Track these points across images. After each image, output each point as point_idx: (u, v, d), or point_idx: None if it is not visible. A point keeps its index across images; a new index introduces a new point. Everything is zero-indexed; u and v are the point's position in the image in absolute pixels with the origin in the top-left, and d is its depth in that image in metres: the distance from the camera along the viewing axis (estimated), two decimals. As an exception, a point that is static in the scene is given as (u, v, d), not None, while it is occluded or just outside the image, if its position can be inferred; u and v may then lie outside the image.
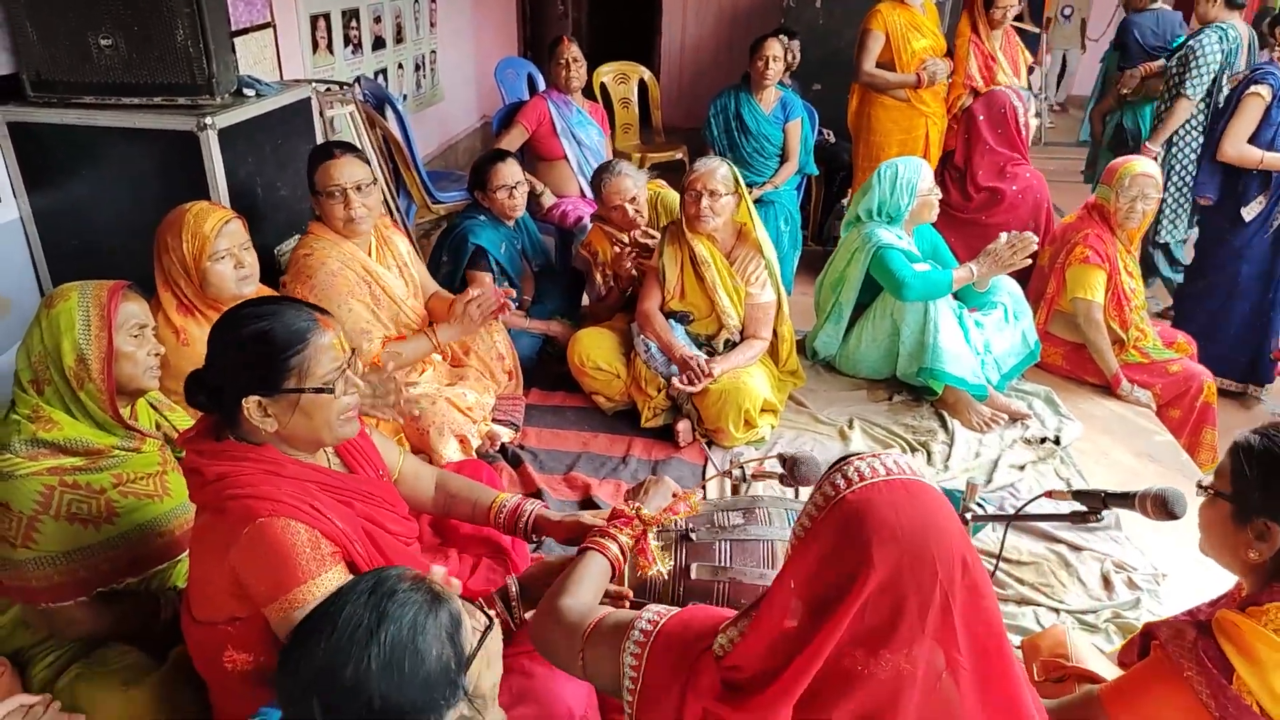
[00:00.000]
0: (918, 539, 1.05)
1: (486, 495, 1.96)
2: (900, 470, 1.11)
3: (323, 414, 1.51)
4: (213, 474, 1.46)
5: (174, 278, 2.19)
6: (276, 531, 1.42)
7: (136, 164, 2.59)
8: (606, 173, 3.30)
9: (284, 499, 1.46)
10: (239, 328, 1.49)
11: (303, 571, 1.42)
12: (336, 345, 1.53)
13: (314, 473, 1.57)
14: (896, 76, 4.51)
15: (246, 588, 1.44)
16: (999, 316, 3.16)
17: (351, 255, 2.64)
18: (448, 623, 1.08)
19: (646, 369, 2.95)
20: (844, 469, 1.13)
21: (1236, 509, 1.38)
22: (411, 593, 1.07)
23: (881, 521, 1.06)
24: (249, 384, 1.46)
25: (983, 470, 2.80)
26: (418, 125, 5.86)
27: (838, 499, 1.10)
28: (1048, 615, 2.23)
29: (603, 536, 1.61)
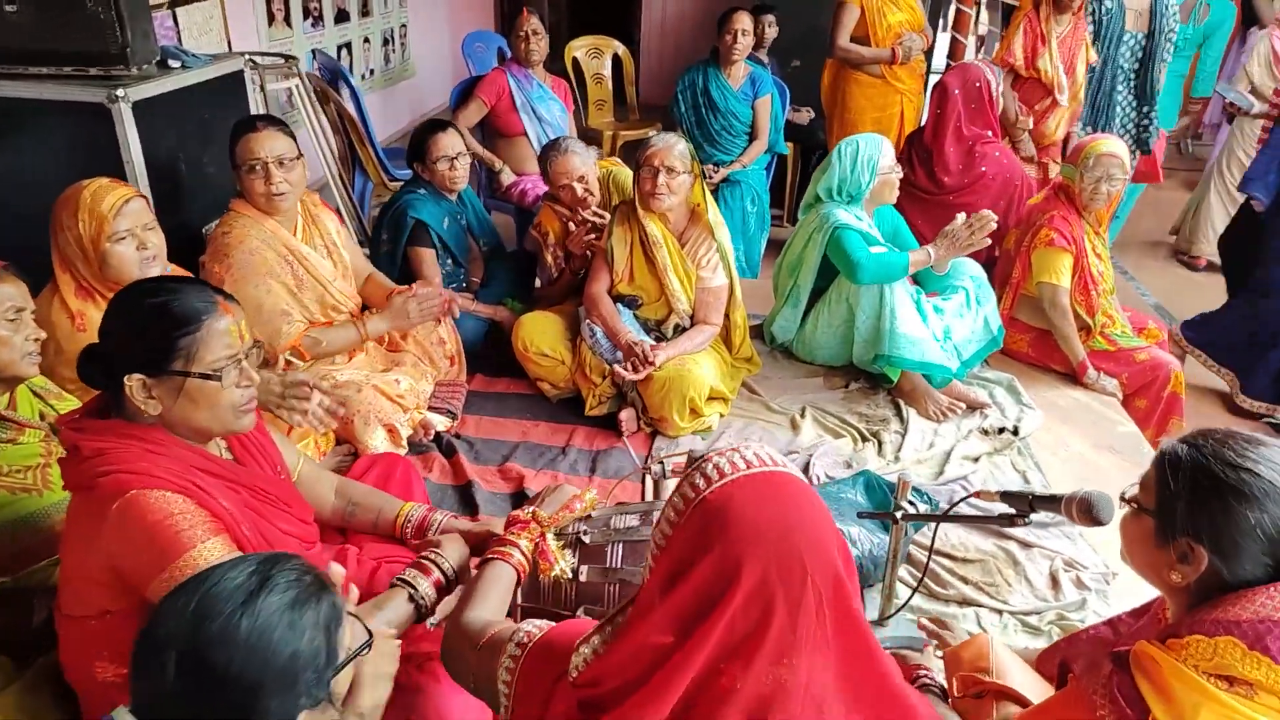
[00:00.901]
0: (783, 536, 0.98)
1: (391, 506, 1.87)
2: (762, 462, 1.04)
3: (209, 402, 1.43)
4: (90, 450, 1.39)
5: (71, 259, 2.07)
6: (149, 502, 1.34)
7: (46, 138, 2.47)
8: (553, 150, 3.18)
9: (159, 473, 1.38)
10: (134, 300, 1.44)
11: (185, 539, 1.34)
12: (233, 332, 1.45)
13: (201, 459, 1.48)
14: (871, 51, 4.37)
15: (124, 572, 1.36)
16: (960, 301, 3.04)
17: (273, 234, 2.52)
18: (328, 614, 1.02)
19: (592, 355, 2.85)
20: (703, 466, 1.05)
21: (1159, 526, 1.24)
22: (301, 572, 1.02)
23: (744, 520, 0.99)
24: (134, 360, 1.39)
25: (935, 462, 2.70)
26: (387, 101, 5.75)
27: (697, 500, 1.02)
28: (989, 617, 2.13)
29: (503, 545, 1.55)
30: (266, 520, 1.53)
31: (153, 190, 2.54)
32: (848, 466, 2.67)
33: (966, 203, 3.54)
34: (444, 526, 1.81)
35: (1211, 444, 1.20)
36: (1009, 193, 3.67)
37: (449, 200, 3.17)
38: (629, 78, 5.72)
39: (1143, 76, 4.02)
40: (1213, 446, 1.19)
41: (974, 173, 3.66)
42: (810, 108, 5.17)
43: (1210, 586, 1.20)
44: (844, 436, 2.83)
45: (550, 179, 3.20)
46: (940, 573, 2.23)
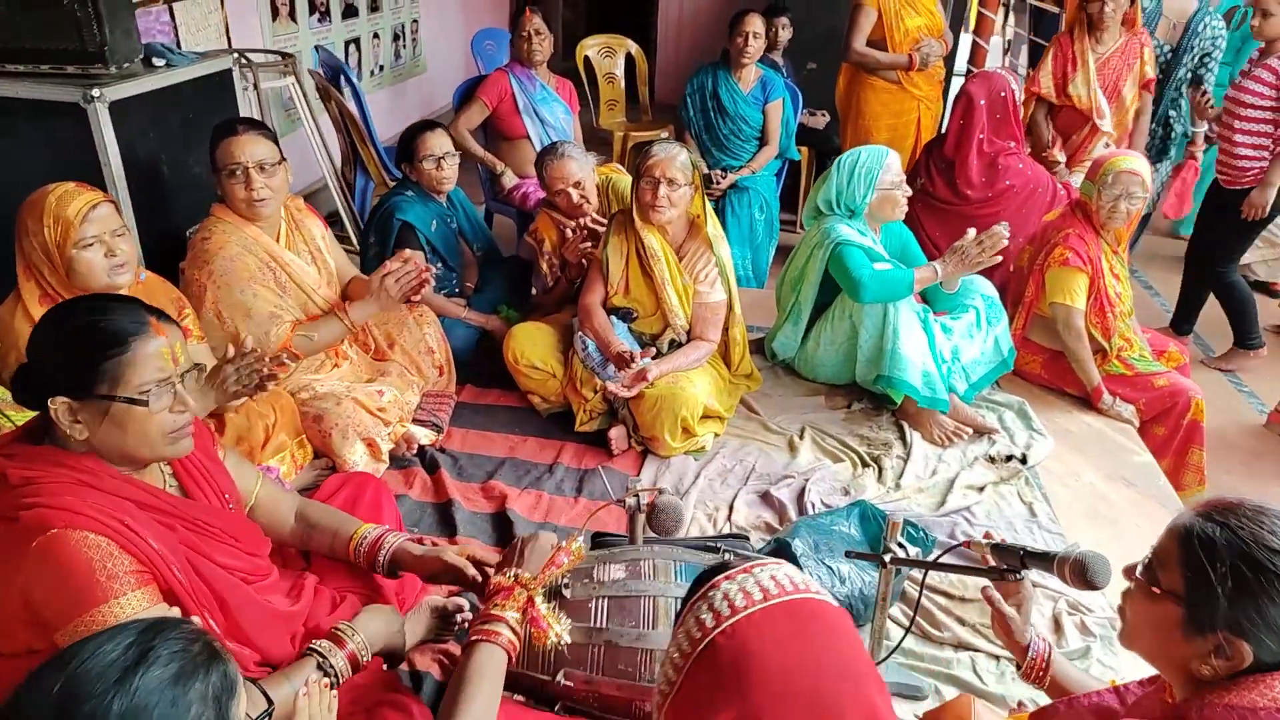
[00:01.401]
0: (816, 688, 0.82)
1: (347, 528, 1.78)
2: (782, 589, 0.87)
3: (137, 427, 1.35)
4: (17, 478, 1.32)
5: (36, 265, 2.00)
6: (71, 545, 1.26)
7: (21, 139, 2.40)
8: (549, 155, 3.08)
9: (86, 511, 1.30)
10: (62, 319, 1.37)
11: (101, 591, 1.27)
12: (164, 354, 1.37)
13: (136, 490, 1.40)
14: (887, 56, 4.25)
15: (37, 611, 1.28)
16: (970, 321, 2.92)
17: (255, 240, 2.44)
18: (218, 685, 0.94)
19: (584, 369, 2.75)
20: (710, 596, 0.89)
21: (1191, 616, 1.09)
22: (187, 641, 0.93)
23: (766, 671, 0.82)
24: (58, 383, 1.31)
25: (937, 490, 2.58)
26: (396, 99, 5.67)
27: (705, 643, 0.86)
28: (986, 662, 2.01)
29: (488, 621, 1.42)
30: (203, 555, 1.44)
31: (132, 193, 2.48)
32: (845, 494, 2.56)
33: (989, 215, 3.40)
34: (395, 550, 1.72)
35: (1248, 525, 1.06)
36: (1035, 205, 3.53)
37: (437, 202, 3.09)
38: (641, 77, 5.61)
39: (1155, 91, 3.82)
40: (1250, 530, 1.05)
41: (998, 186, 3.51)
42: (826, 111, 5.05)
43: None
44: (843, 460, 2.71)
45: (546, 183, 3.10)
46: (935, 613, 2.12)
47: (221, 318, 2.36)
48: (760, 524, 2.43)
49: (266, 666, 1.55)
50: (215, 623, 1.44)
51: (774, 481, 2.59)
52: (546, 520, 2.40)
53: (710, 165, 4.22)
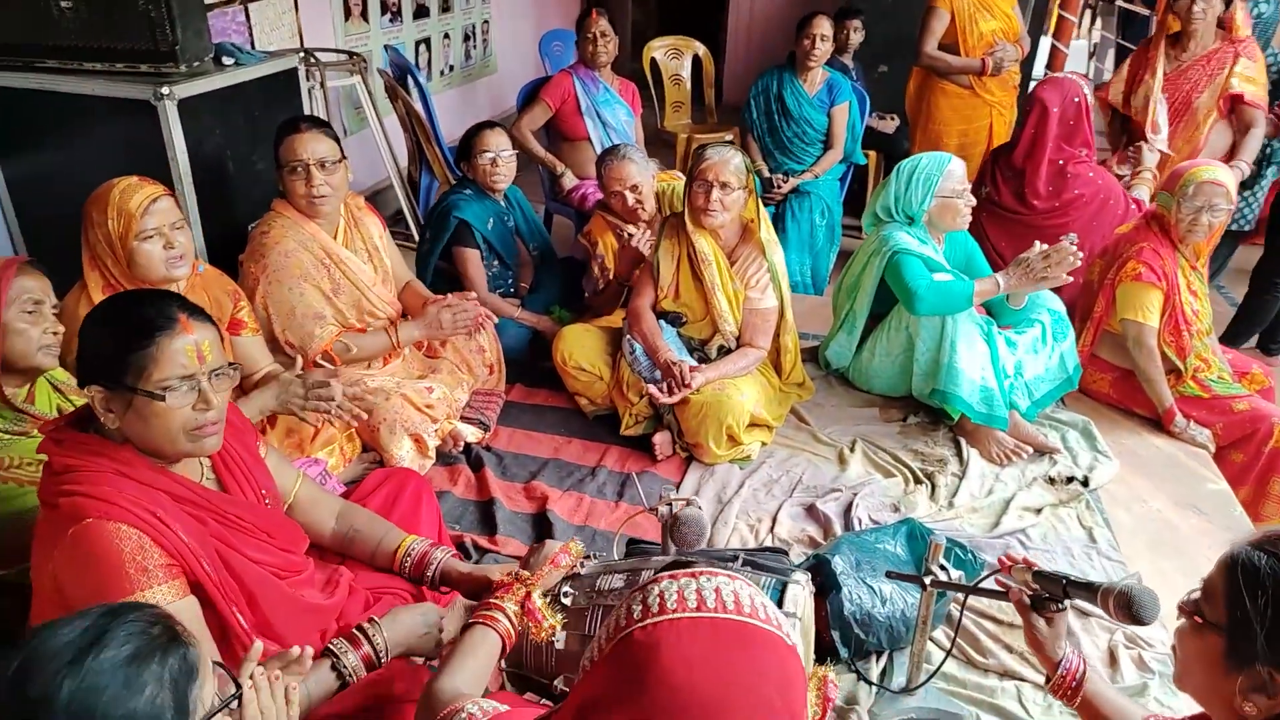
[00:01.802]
0: (709, 714, 0.77)
1: (393, 538, 1.79)
2: (721, 605, 0.83)
3: (159, 421, 1.37)
4: (59, 465, 1.37)
5: (100, 256, 2.07)
6: (104, 536, 1.29)
7: (100, 132, 2.50)
8: (611, 155, 3.08)
9: (120, 502, 1.33)
10: (103, 311, 1.43)
11: (130, 583, 1.29)
12: (189, 352, 1.39)
13: (170, 482, 1.43)
14: (959, 61, 4.13)
15: (67, 596, 1.31)
16: (1035, 336, 2.80)
17: (312, 236, 2.49)
18: (176, 669, 0.94)
19: (631, 373, 2.73)
20: (648, 590, 0.86)
21: (1230, 648, 1.05)
22: (146, 624, 0.94)
23: (667, 681, 0.78)
24: (93, 371, 1.37)
25: (991, 511, 2.49)
26: (466, 98, 5.74)
27: (623, 634, 0.84)
28: (1033, 694, 1.92)
29: (486, 609, 1.46)
30: (234, 549, 1.47)
31: (197, 188, 2.55)
32: (894, 510, 2.48)
33: (1056, 226, 3.28)
34: (443, 566, 1.72)
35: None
36: (1106, 216, 3.37)
37: (494, 201, 3.11)
38: (708, 79, 5.57)
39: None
40: None
41: (1066, 195, 3.37)
42: (896, 115, 4.93)
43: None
44: (895, 476, 2.64)
45: (604, 183, 3.10)
46: (981, 639, 2.04)
47: (268, 310, 2.41)
48: (804, 537, 2.37)
49: None
50: (243, 617, 1.46)
51: (821, 494, 2.53)
52: (586, 524, 2.39)
53: (772, 169, 4.16)
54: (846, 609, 1.91)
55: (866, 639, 1.93)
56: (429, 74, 5.16)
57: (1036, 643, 1.46)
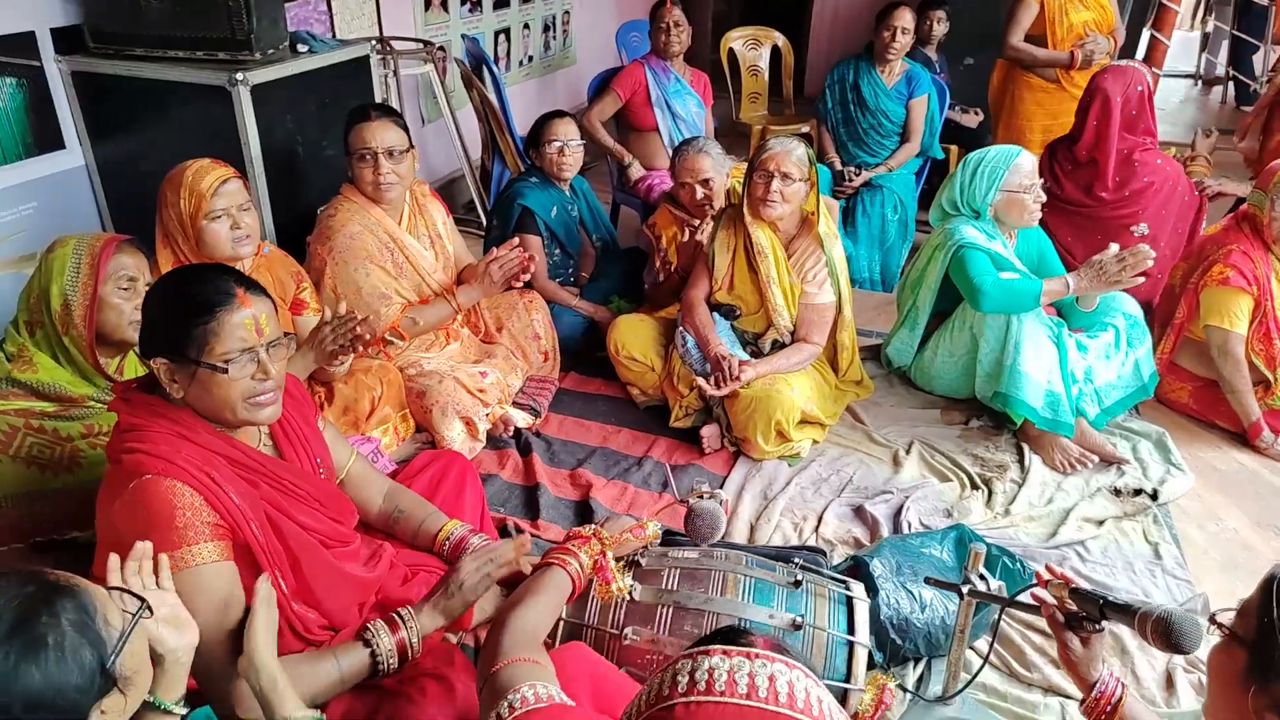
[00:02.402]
0: None
1: (435, 521, 1.86)
2: (772, 697, 0.78)
3: (221, 392, 1.44)
4: (125, 423, 1.45)
5: (172, 234, 2.17)
6: (160, 491, 1.37)
7: (181, 117, 2.61)
8: (687, 146, 3.07)
9: (178, 461, 1.40)
10: (165, 287, 1.49)
11: (177, 536, 1.36)
12: (248, 325, 1.45)
13: (228, 446, 1.50)
14: (1046, 53, 3.96)
15: (126, 547, 1.36)
16: (1108, 340, 2.67)
17: (377, 221, 2.56)
18: (70, 611, 0.96)
19: (682, 364, 2.72)
20: (699, 661, 0.82)
21: (1251, 664, 1.02)
22: (18, 588, 0.95)
23: None
24: (158, 344, 1.44)
25: (1050, 521, 2.38)
26: (544, 89, 5.79)
27: (667, 704, 0.80)
28: (1078, 713, 1.83)
29: (563, 553, 1.54)
30: (284, 514, 1.53)
31: (268, 171, 2.65)
32: (947, 515, 2.41)
33: (1125, 216, 3.13)
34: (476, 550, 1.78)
35: None
36: (1174, 206, 3.19)
37: (559, 190, 3.13)
38: (786, 71, 5.48)
39: None
40: None
41: (1134, 185, 3.18)
42: (979, 109, 4.76)
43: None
44: (950, 480, 2.55)
45: (675, 173, 3.08)
46: (1027, 651, 1.96)
47: (337, 292, 2.49)
48: (849, 539, 2.32)
49: (330, 630, 1.61)
50: (285, 582, 1.51)
51: (871, 496, 2.47)
52: (628, 513, 2.39)
53: (845, 161, 4.08)
54: (883, 613, 1.86)
55: (903, 645, 1.88)
56: (507, 64, 5.22)
57: (1070, 662, 1.40)
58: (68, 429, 1.90)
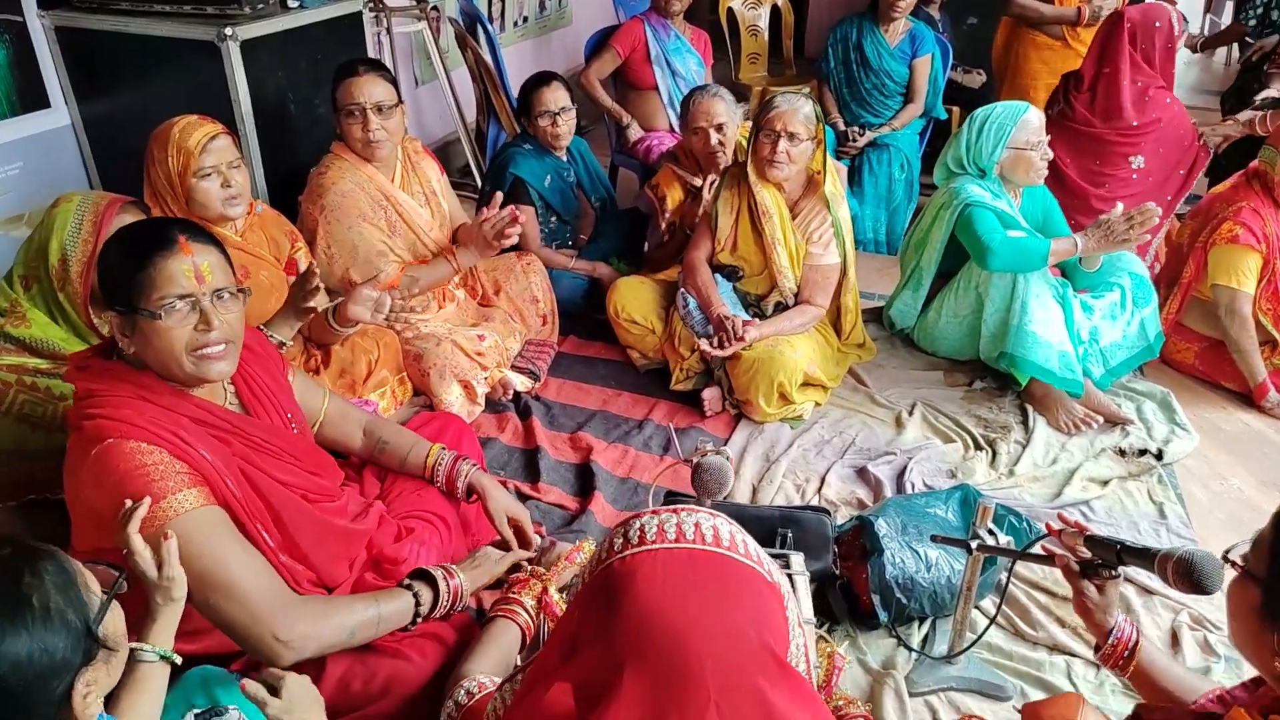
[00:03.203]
0: (678, 644, 0.77)
1: (421, 447, 1.86)
2: (699, 537, 0.83)
3: (161, 342, 1.38)
4: (83, 390, 1.40)
5: (161, 193, 2.12)
6: (125, 453, 1.32)
7: (168, 73, 2.55)
8: (700, 92, 3.00)
9: (140, 423, 1.36)
10: (115, 236, 1.46)
11: (154, 489, 1.31)
12: (186, 272, 1.38)
13: (191, 406, 1.45)
14: (1053, 9, 3.89)
15: (97, 516, 1.34)
16: (1114, 300, 2.64)
17: (369, 179, 2.51)
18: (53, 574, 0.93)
19: (683, 327, 2.68)
20: (630, 524, 0.88)
21: (1266, 600, 1.02)
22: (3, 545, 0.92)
23: (635, 611, 0.79)
24: (107, 296, 1.40)
25: (1054, 481, 2.37)
26: (540, 50, 5.69)
27: (605, 564, 0.85)
28: (1085, 670, 1.83)
29: (506, 604, 1.60)
30: (259, 470, 1.49)
31: (259, 130, 2.59)
32: (951, 476, 2.39)
33: (1124, 144, 3.09)
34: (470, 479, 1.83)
35: None
36: (1173, 149, 3.14)
37: (554, 157, 3.07)
38: (787, 30, 5.39)
39: None
40: None
41: (1144, 118, 3.13)
42: (982, 69, 4.68)
43: None
44: (954, 442, 2.53)
45: (688, 119, 3.00)
46: (1033, 611, 1.95)
47: (330, 253, 2.44)
48: (852, 500, 2.30)
49: (321, 588, 1.59)
50: (270, 537, 1.48)
51: (874, 457, 2.45)
52: (629, 476, 2.37)
53: (848, 121, 4.01)
54: (888, 572, 1.84)
55: (908, 604, 1.86)
56: (502, 25, 5.12)
57: (1086, 610, 1.39)
58: (61, 387, 1.86)
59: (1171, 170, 3.12)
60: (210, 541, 1.34)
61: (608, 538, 0.88)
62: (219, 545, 1.35)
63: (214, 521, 1.37)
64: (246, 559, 1.37)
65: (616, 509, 2.24)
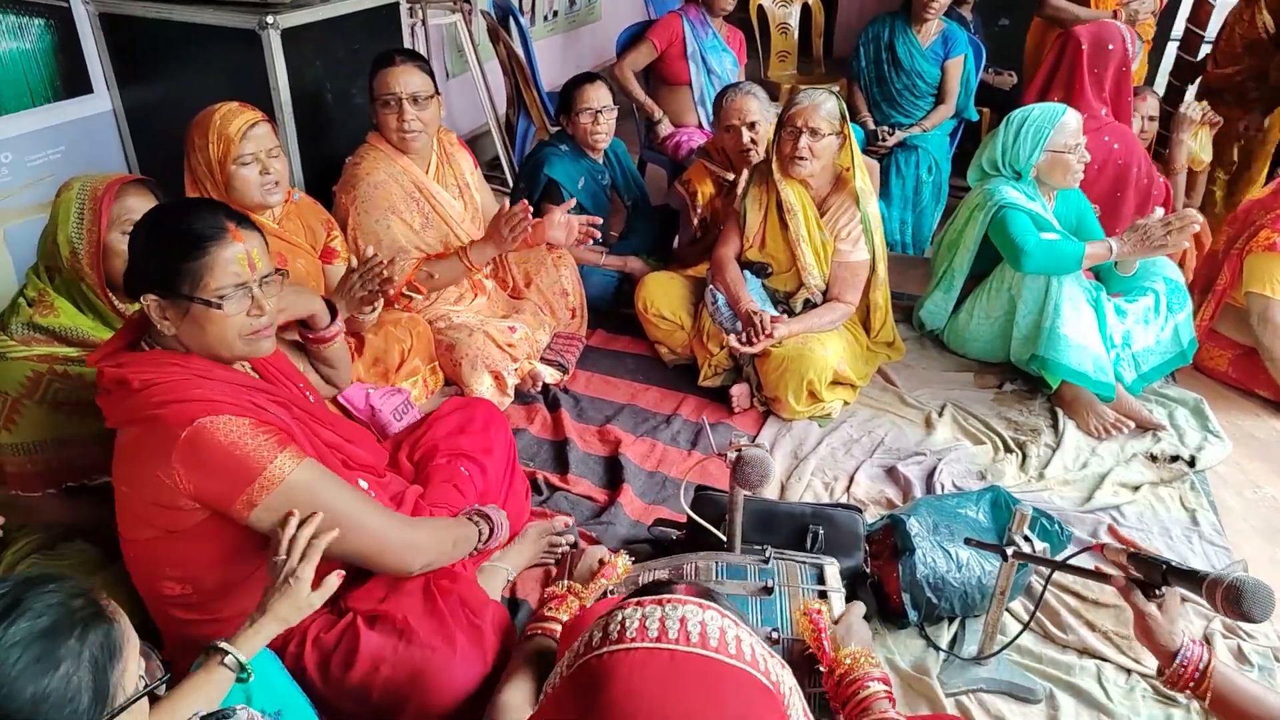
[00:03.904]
0: None
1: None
2: (685, 638, 0.77)
3: (215, 328, 1.42)
4: (138, 382, 1.39)
5: (200, 179, 2.13)
6: (219, 428, 1.35)
7: (209, 60, 2.57)
8: (733, 89, 2.98)
9: (217, 397, 1.39)
10: (154, 221, 1.44)
11: (254, 462, 1.36)
12: (241, 260, 1.42)
13: (240, 377, 1.49)
14: (1088, 12, 3.84)
15: (202, 496, 1.37)
16: (1147, 305, 2.62)
17: (404, 170, 2.53)
18: (97, 647, 0.89)
19: (712, 323, 2.68)
20: (613, 615, 0.83)
21: None
22: (66, 597, 0.89)
23: (611, 710, 0.75)
24: (149, 280, 1.40)
25: (1085, 485, 2.35)
26: (569, 45, 5.70)
27: (583, 660, 0.80)
28: (1115, 675, 1.82)
29: (542, 621, 1.57)
30: (314, 433, 1.53)
31: (297, 118, 2.60)
32: (981, 478, 2.38)
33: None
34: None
35: None
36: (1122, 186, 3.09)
37: (590, 159, 3.07)
38: (817, 29, 5.37)
39: None
40: None
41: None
42: (1014, 71, 4.65)
43: None
44: (984, 444, 2.52)
45: (721, 117, 2.99)
46: (1062, 614, 1.94)
47: (356, 243, 2.46)
48: (881, 499, 2.30)
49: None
50: None
51: (903, 457, 2.45)
52: (658, 469, 2.38)
53: (878, 121, 3.99)
54: (919, 572, 1.84)
55: (938, 604, 1.86)
56: (532, 19, 5.13)
57: (1147, 631, 1.32)
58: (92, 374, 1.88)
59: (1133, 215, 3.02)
60: (321, 490, 1.40)
61: (588, 631, 0.84)
62: (329, 491, 1.42)
63: (316, 471, 1.42)
64: (353, 494, 1.46)
65: (645, 502, 2.25)
